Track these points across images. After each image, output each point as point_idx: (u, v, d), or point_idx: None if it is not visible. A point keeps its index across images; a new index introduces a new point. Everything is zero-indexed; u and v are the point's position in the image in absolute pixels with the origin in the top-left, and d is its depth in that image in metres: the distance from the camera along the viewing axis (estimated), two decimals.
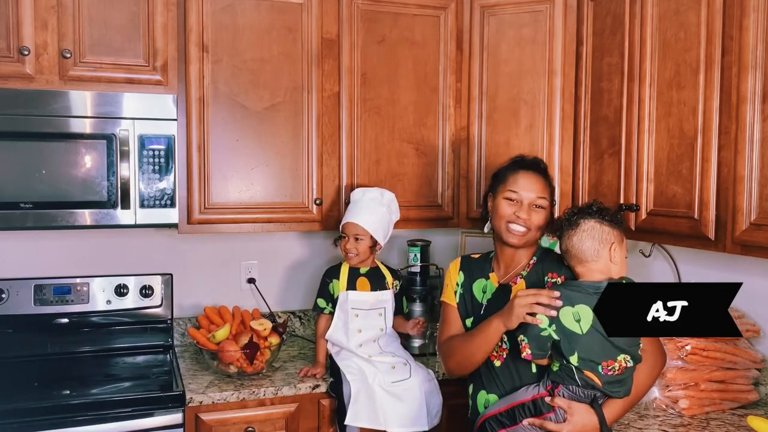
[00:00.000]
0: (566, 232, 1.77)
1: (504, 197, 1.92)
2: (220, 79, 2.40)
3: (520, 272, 1.94)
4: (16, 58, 2.18)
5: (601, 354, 1.66)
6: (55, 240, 2.59)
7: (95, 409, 2.07)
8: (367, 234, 2.33)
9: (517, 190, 1.90)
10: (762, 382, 2.15)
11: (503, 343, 1.85)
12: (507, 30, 2.60)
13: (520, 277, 1.93)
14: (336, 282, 2.39)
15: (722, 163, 1.89)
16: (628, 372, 1.70)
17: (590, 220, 1.75)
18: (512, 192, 1.91)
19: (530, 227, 1.89)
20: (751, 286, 2.20)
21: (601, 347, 1.66)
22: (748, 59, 1.79)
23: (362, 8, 2.55)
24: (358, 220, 2.32)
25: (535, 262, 1.94)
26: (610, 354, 1.67)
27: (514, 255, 1.95)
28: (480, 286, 2.00)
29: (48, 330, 2.50)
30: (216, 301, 2.74)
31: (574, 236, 1.75)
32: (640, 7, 2.16)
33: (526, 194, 1.90)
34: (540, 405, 1.73)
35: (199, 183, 2.40)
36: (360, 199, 2.37)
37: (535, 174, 1.93)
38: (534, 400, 1.74)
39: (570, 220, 1.78)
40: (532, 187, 1.90)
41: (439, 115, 2.68)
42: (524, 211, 1.89)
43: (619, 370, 1.67)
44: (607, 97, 2.33)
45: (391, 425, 2.16)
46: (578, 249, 1.74)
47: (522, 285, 1.91)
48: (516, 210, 1.89)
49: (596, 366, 1.67)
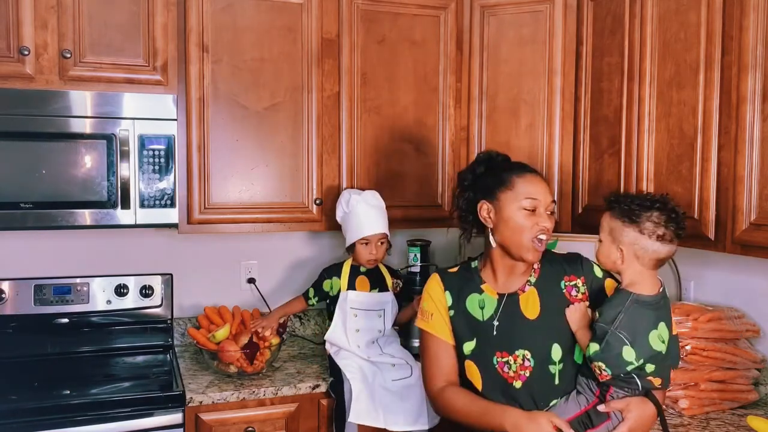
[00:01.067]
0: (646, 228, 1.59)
1: (521, 207, 1.67)
2: (220, 79, 2.40)
3: (526, 279, 1.76)
4: (16, 58, 2.18)
5: (673, 361, 1.63)
6: (56, 240, 2.59)
7: (95, 409, 2.07)
8: (386, 237, 2.38)
9: (537, 196, 1.67)
10: (762, 382, 2.14)
11: (526, 361, 1.68)
12: (507, 30, 2.60)
13: (529, 285, 1.75)
14: (334, 280, 2.40)
15: (722, 162, 1.89)
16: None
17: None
18: (532, 200, 1.67)
19: (550, 236, 1.70)
20: (751, 286, 2.20)
21: (675, 355, 1.63)
22: (748, 59, 1.79)
23: (362, 8, 2.55)
24: (382, 227, 2.35)
25: (541, 266, 1.77)
26: (678, 358, 1.65)
27: (515, 264, 1.75)
28: (475, 303, 1.77)
29: (48, 330, 2.50)
30: (216, 301, 2.74)
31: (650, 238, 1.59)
32: (640, 7, 2.16)
33: (543, 199, 1.68)
34: (593, 414, 1.63)
35: (199, 183, 2.40)
36: (375, 206, 2.37)
37: (540, 175, 1.75)
38: (588, 411, 1.63)
39: (644, 214, 1.59)
40: (547, 190, 1.71)
41: (439, 115, 2.68)
42: (546, 219, 1.67)
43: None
44: (607, 97, 2.33)
45: (392, 423, 2.16)
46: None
47: (533, 293, 1.74)
48: (538, 220, 1.67)
49: (667, 372, 1.62)
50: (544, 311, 1.72)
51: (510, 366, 1.70)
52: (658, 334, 1.56)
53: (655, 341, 1.55)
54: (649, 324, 1.56)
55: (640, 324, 1.56)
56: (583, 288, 1.74)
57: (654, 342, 1.55)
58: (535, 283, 1.76)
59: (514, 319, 1.72)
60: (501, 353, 1.71)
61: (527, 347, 1.69)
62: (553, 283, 1.75)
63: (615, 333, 1.55)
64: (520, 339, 1.70)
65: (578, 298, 1.73)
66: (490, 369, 1.72)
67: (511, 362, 1.70)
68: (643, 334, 1.55)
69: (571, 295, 1.74)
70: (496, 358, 1.71)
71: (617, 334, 1.55)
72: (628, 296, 1.58)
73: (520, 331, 1.71)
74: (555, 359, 1.68)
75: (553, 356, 1.68)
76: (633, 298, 1.57)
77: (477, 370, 1.74)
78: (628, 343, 1.54)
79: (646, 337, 1.55)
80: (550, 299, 1.73)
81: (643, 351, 1.55)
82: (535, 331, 1.70)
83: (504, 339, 1.71)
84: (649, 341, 1.55)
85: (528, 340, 1.70)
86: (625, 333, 1.54)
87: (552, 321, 1.71)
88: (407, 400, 2.20)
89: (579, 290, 1.74)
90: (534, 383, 1.68)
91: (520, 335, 1.71)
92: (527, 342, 1.70)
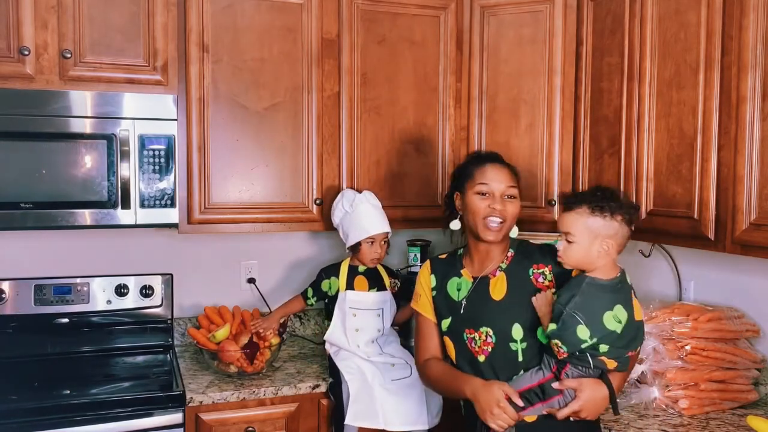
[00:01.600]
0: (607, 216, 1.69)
1: (475, 192, 1.88)
2: (220, 79, 2.40)
3: (498, 265, 1.91)
4: (16, 58, 2.18)
5: (630, 344, 1.69)
6: (56, 240, 2.59)
7: (95, 409, 2.07)
8: (387, 236, 2.41)
9: (488, 182, 1.87)
10: (762, 382, 2.14)
11: (488, 337, 1.84)
12: (507, 30, 2.60)
13: (500, 270, 1.89)
14: (333, 280, 2.40)
15: (722, 162, 1.89)
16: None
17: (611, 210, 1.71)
18: (483, 185, 1.87)
19: (506, 218, 1.85)
20: (751, 286, 2.20)
21: (633, 339, 1.69)
22: (747, 59, 1.79)
23: (362, 8, 2.55)
24: (386, 226, 2.38)
25: (514, 254, 1.91)
26: (637, 343, 1.71)
27: (489, 250, 1.92)
28: (454, 285, 1.95)
29: (48, 330, 2.50)
30: (216, 301, 2.74)
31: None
32: (640, 7, 2.16)
33: (497, 185, 1.86)
34: (547, 388, 1.73)
35: (200, 183, 2.40)
36: (376, 206, 2.40)
37: (501, 165, 1.91)
38: (541, 384, 1.73)
39: (607, 205, 1.70)
40: (502, 177, 1.88)
41: (439, 115, 2.68)
42: (498, 202, 1.85)
43: (636, 353, 1.73)
44: (607, 97, 2.33)
45: (392, 424, 2.16)
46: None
47: (502, 277, 1.88)
48: (490, 203, 1.85)
49: (623, 354, 1.69)
50: (510, 294, 1.86)
51: (476, 341, 1.86)
52: (613, 315, 1.65)
53: (609, 321, 1.64)
54: (603, 305, 1.65)
55: (594, 305, 1.66)
56: (549, 276, 1.85)
57: (608, 322, 1.64)
58: (506, 269, 1.90)
59: (482, 300, 1.88)
60: (469, 330, 1.88)
61: (489, 325, 1.85)
62: (521, 270, 1.88)
63: (570, 313, 1.65)
64: (484, 317, 1.86)
65: (544, 284, 1.85)
66: (460, 343, 1.90)
67: (477, 338, 1.86)
68: (598, 314, 1.64)
69: (537, 282, 1.86)
70: (466, 334, 1.88)
71: (572, 314, 1.65)
72: (583, 280, 1.70)
73: (486, 311, 1.87)
74: (516, 338, 1.82)
75: (513, 335, 1.82)
76: (588, 281, 1.69)
77: (452, 345, 1.93)
78: (582, 323, 1.64)
79: (600, 317, 1.64)
80: (516, 283, 1.87)
81: (597, 330, 1.64)
82: (499, 311, 1.85)
83: (471, 317, 1.88)
84: (602, 321, 1.64)
85: (491, 319, 1.85)
86: (580, 313, 1.64)
87: (515, 302, 1.85)
88: (407, 400, 2.20)
89: (546, 278, 1.86)
90: (496, 358, 1.83)
91: (484, 314, 1.87)
92: (490, 320, 1.85)
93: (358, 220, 2.34)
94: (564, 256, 1.74)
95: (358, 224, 2.34)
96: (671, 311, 2.09)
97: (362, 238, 2.34)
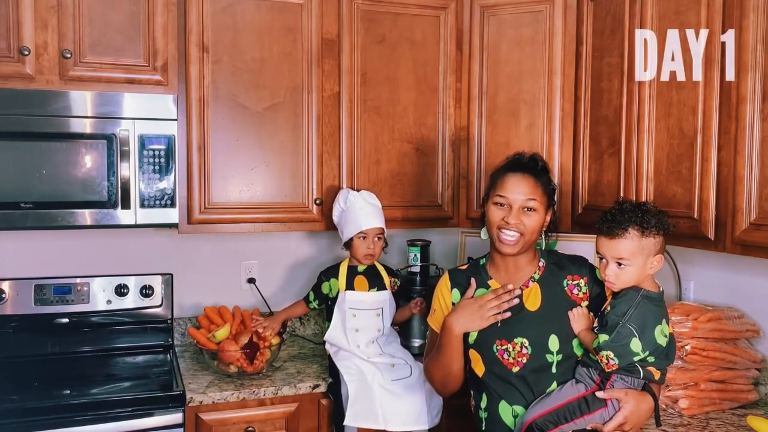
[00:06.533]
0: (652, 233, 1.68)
1: (494, 202, 1.82)
2: (220, 79, 2.40)
3: (530, 276, 1.84)
4: (16, 58, 2.18)
5: (670, 356, 1.71)
6: (56, 240, 2.59)
7: (95, 409, 2.07)
8: (383, 232, 2.39)
9: (505, 194, 1.79)
10: (762, 382, 2.15)
11: (524, 348, 1.77)
12: (507, 30, 2.60)
13: (533, 281, 1.83)
14: (333, 281, 2.40)
15: (722, 162, 1.89)
16: None
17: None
18: (500, 197, 1.80)
19: (523, 232, 1.78)
20: (751, 286, 2.20)
21: (672, 351, 1.71)
22: (747, 59, 1.79)
23: (362, 8, 2.55)
24: (379, 222, 2.36)
25: (546, 264, 1.86)
26: (673, 354, 1.73)
27: (515, 260, 1.84)
28: None
29: (48, 330, 2.50)
30: (216, 301, 2.74)
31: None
32: (640, 7, 2.16)
33: (513, 197, 1.78)
34: (591, 400, 1.69)
35: (200, 183, 2.40)
36: (373, 204, 2.40)
37: (525, 175, 1.81)
38: (585, 396, 1.70)
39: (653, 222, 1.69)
40: (521, 189, 1.79)
41: (439, 115, 2.68)
42: (513, 215, 1.77)
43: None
44: (606, 97, 2.33)
45: (392, 424, 2.16)
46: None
47: (536, 288, 1.82)
48: (505, 215, 1.78)
49: (665, 366, 1.71)
50: (545, 304, 1.81)
51: (509, 353, 1.79)
52: (661, 329, 1.65)
53: (659, 335, 1.65)
54: (655, 319, 1.66)
55: (648, 318, 1.65)
56: (585, 288, 1.82)
57: (658, 336, 1.65)
58: (539, 279, 1.85)
59: (515, 310, 1.80)
60: (500, 341, 1.80)
61: (525, 335, 1.79)
62: (555, 281, 1.84)
63: (626, 325, 1.64)
64: (519, 328, 1.79)
65: (579, 296, 1.82)
66: (489, 355, 1.81)
67: (510, 349, 1.79)
68: (650, 328, 1.64)
69: (572, 293, 1.82)
70: (496, 346, 1.81)
71: (627, 326, 1.63)
72: (638, 292, 1.68)
73: (520, 321, 1.80)
74: (552, 349, 1.77)
75: (550, 346, 1.77)
76: (643, 294, 1.67)
77: (479, 358, 1.83)
78: (636, 335, 1.63)
79: (652, 330, 1.64)
80: (551, 294, 1.82)
81: (649, 344, 1.64)
82: (534, 322, 1.80)
83: (504, 328, 1.80)
84: (654, 335, 1.64)
85: (526, 329, 1.79)
86: (635, 326, 1.64)
87: (551, 313, 1.80)
88: (407, 400, 2.19)
89: (581, 289, 1.82)
90: (531, 369, 1.77)
91: (519, 325, 1.80)
92: (526, 331, 1.79)
93: (352, 216, 2.36)
94: (617, 281, 1.69)
95: (352, 220, 2.35)
96: (671, 311, 2.09)
97: (354, 234, 2.35)
